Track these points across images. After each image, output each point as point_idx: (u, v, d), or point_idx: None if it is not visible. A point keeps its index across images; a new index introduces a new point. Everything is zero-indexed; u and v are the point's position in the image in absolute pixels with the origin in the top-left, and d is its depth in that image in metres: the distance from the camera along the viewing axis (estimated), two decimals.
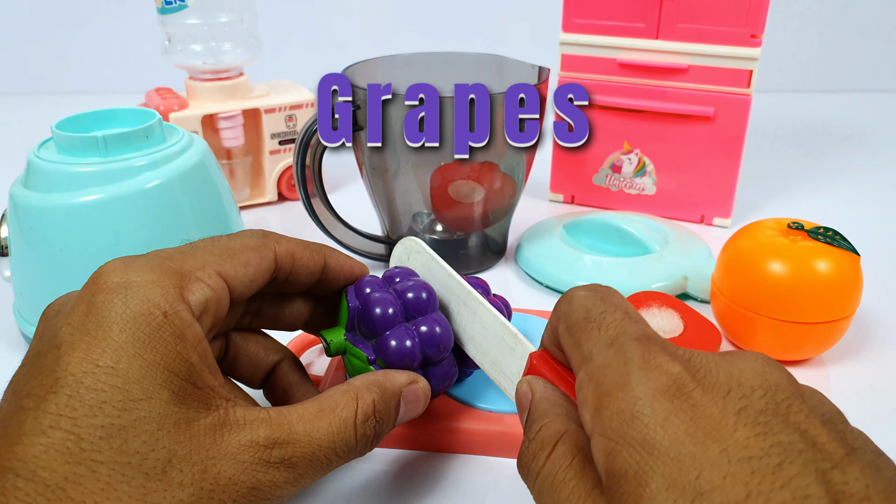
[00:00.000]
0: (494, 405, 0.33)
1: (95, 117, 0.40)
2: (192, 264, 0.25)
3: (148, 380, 0.22)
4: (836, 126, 0.82)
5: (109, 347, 0.21)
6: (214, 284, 0.25)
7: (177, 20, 0.54)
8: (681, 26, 0.51)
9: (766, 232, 0.38)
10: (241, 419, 0.23)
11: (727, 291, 0.38)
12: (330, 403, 0.25)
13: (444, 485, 0.31)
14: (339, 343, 0.30)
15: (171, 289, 0.23)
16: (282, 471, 0.23)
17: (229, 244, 0.27)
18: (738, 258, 0.38)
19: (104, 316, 0.22)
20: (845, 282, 0.36)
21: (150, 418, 0.21)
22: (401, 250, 0.33)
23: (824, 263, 0.36)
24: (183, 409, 0.22)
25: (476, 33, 0.95)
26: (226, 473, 0.22)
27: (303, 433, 0.24)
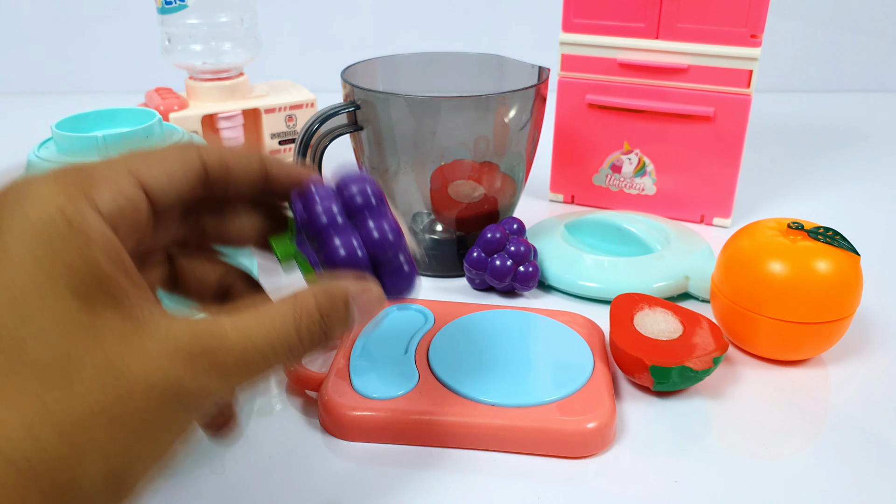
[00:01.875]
0: (498, 400, 0.33)
1: (95, 117, 0.40)
2: (101, 169, 0.23)
3: (48, 286, 0.20)
4: (836, 126, 0.82)
5: (7, 259, 0.21)
6: (128, 189, 0.23)
7: (177, 20, 0.54)
8: (681, 26, 0.51)
9: (766, 232, 0.38)
10: (162, 326, 0.22)
11: (727, 291, 0.38)
12: (267, 307, 0.24)
13: (447, 480, 0.31)
14: (286, 250, 0.28)
15: (75, 193, 0.22)
16: (212, 377, 0.22)
17: (146, 151, 0.25)
18: (738, 258, 0.38)
19: (3, 230, 0.21)
20: (845, 282, 0.36)
21: (50, 326, 0.20)
22: None
23: (824, 263, 0.36)
24: (90, 317, 0.21)
25: (476, 33, 0.95)
26: (141, 376, 0.21)
27: (236, 339, 0.22)
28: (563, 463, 0.32)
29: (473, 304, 0.41)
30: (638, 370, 0.35)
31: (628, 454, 0.33)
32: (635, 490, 0.31)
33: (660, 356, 0.35)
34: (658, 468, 0.32)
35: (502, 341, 0.37)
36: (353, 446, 0.33)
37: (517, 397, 0.33)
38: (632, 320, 0.38)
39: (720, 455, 0.33)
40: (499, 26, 0.94)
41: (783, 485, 0.31)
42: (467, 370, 0.35)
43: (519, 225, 0.46)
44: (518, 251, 0.44)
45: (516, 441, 0.32)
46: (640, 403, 0.36)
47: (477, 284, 0.46)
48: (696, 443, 0.33)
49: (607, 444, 0.33)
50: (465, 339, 0.38)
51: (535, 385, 0.34)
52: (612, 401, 0.33)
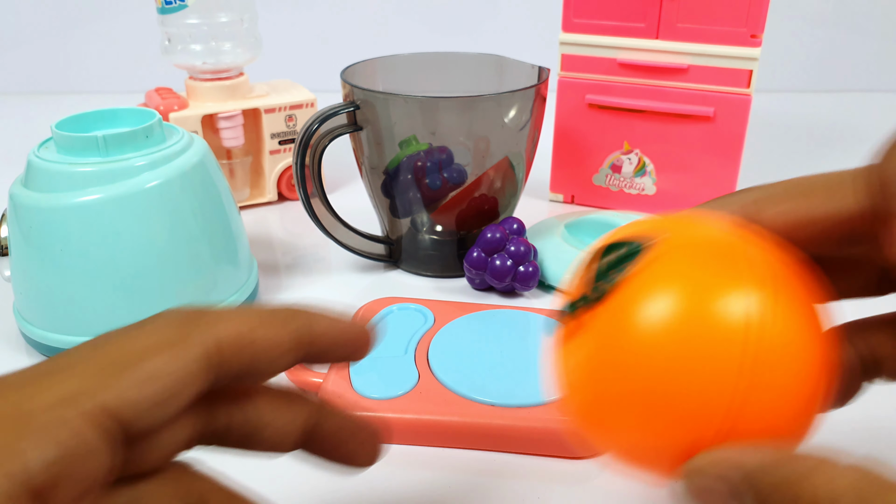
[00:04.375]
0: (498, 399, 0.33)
1: (95, 117, 0.40)
2: (42, 401, 0.16)
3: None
4: (836, 126, 0.82)
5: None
6: (75, 431, 0.16)
7: (177, 20, 0.54)
8: (681, 26, 0.51)
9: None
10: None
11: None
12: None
13: (447, 480, 0.31)
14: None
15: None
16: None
17: (125, 347, 0.18)
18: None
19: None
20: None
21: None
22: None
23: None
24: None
25: (476, 33, 0.95)
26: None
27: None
28: (563, 463, 0.32)
29: (473, 304, 0.41)
30: None
31: None
32: (635, 490, 0.31)
33: None
34: None
35: (502, 341, 0.37)
36: None
37: (517, 397, 0.33)
38: None
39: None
40: (499, 26, 0.94)
41: None
42: (467, 370, 0.35)
43: (519, 225, 0.46)
44: (518, 251, 0.44)
45: (516, 441, 0.32)
46: None
47: (477, 284, 0.46)
48: None
49: None
50: (465, 339, 0.38)
51: (535, 385, 0.34)
52: None
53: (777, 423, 0.17)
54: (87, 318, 0.37)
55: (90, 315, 0.37)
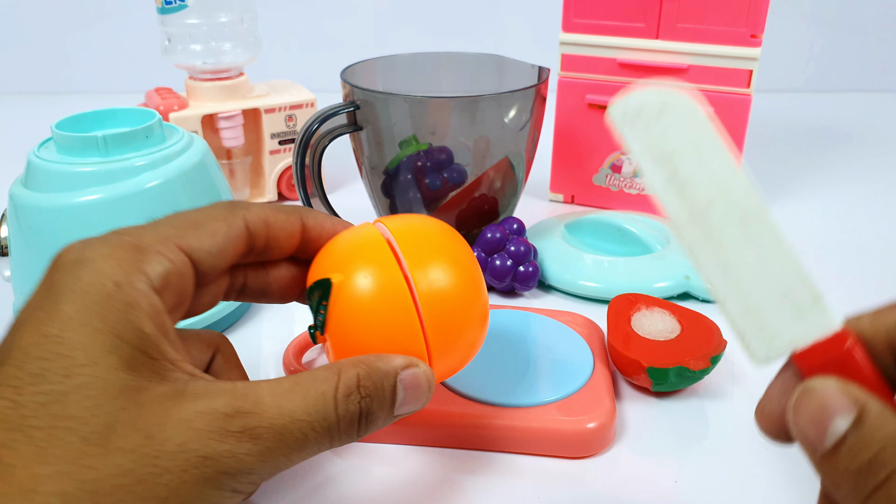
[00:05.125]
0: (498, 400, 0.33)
1: (95, 117, 0.40)
2: (151, 238, 0.24)
3: (94, 346, 0.21)
4: (836, 126, 0.82)
5: (58, 318, 0.21)
6: (174, 257, 0.24)
7: (177, 20, 0.54)
8: (681, 26, 0.51)
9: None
10: (199, 389, 0.22)
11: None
12: (307, 378, 0.23)
13: (447, 480, 0.31)
14: None
15: (126, 261, 0.23)
16: (243, 441, 0.21)
17: (193, 216, 0.26)
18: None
19: (57, 291, 0.22)
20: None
21: (94, 384, 0.20)
22: (650, 100, 0.22)
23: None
24: (132, 377, 0.21)
25: (476, 33, 0.95)
26: (174, 440, 0.20)
27: (272, 404, 0.22)
28: (563, 463, 0.32)
29: None
30: (636, 372, 0.35)
31: (628, 454, 0.33)
32: (635, 490, 0.31)
33: (657, 357, 0.35)
34: (658, 468, 0.32)
35: (502, 341, 0.37)
36: (352, 446, 0.33)
37: (517, 397, 0.33)
38: (629, 321, 0.38)
39: (720, 455, 0.33)
40: (499, 26, 0.94)
41: (783, 484, 0.31)
42: (467, 370, 0.35)
43: (519, 225, 0.46)
44: (518, 251, 0.44)
45: (516, 441, 0.32)
46: (640, 403, 0.36)
47: None
48: (695, 443, 0.33)
49: (607, 444, 0.33)
50: None
51: (535, 385, 0.34)
52: (612, 401, 0.33)
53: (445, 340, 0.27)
54: None
55: None
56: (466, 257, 0.28)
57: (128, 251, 0.23)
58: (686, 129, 0.22)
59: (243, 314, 0.44)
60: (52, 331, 0.21)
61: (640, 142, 0.22)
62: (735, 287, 0.21)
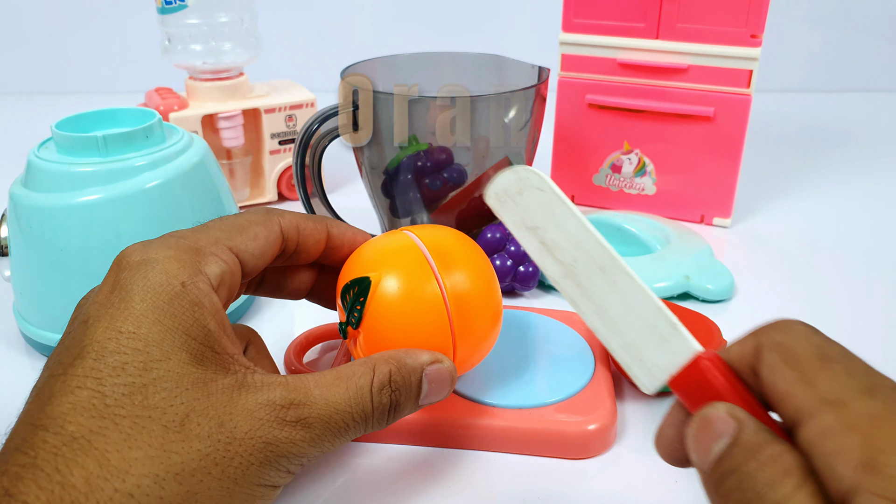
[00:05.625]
0: (499, 401, 0.33)
1: (95, 117, 0.40)
2: (206, 241, 0.27)
3: (167, 342, 0.23)
4: (836, 126, 0.82)
5: (131, 315, 0.23)
6: (227, 258, 0.27)
7: (177, 20, 0.54)
8: (681, 26, 0.51)
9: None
10: (258, 382, 0.24)
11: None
12: (347, 372, 0.26)
13: (448, 480, 0.31)
14: None
15: (187, 263, 0.25)
16: (298, 429, 0.24)
17: (237, 221, 0.29)
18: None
19: (127, 289, 0.24)
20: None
21: (169, 377, 0.23)
22: (510, 180, 0.26)
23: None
24: (201, 370, 0.24)
25: (476, 33, 0.95)
26: (242, 428, 0.23)
27: (319, 396, 0.25)
28: (563, 463, 0.32)
29: None
30: None
31: (629, 455, 0.33)
32: (636, 490, 0.31)
33: None
34: (658, 468, 0.32)
35: (502, 342, 0.37)
36: (353, 446, 0.33)
37: (518, 398, 0.33)
38: None
39: None
40: (499, 26, 0.94)
41: None
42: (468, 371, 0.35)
43: None
44: (518, 251, 0.44)
45: (517, 442, 0.32)
46: (641, 404, 0.36)
47: None
48: None
49: (608, 445, 0.33)
50: None
51: (536, 386, 0.34)
52: (613, 402, 0.33)
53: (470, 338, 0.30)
54: None
55: None
56: (486, 263, 0.31)
57: (187, 253, 0.26)
58: (541, 201, 0.25)
59: (244, 313, 0.44)
60: (127, 327, 0.23)
61: (510, 218, 0.26)
62: (611, 328, 0.24)
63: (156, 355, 0.23)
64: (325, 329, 0.40)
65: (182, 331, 0.24)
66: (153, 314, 0.24)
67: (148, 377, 0.23)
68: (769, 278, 0.48)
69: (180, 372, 0.23)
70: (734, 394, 0.21)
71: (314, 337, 0.39)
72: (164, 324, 0.23)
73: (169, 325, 0.24)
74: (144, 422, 0.22)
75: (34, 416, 0.22)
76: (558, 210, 0.25)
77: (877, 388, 0.18)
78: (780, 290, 0.47)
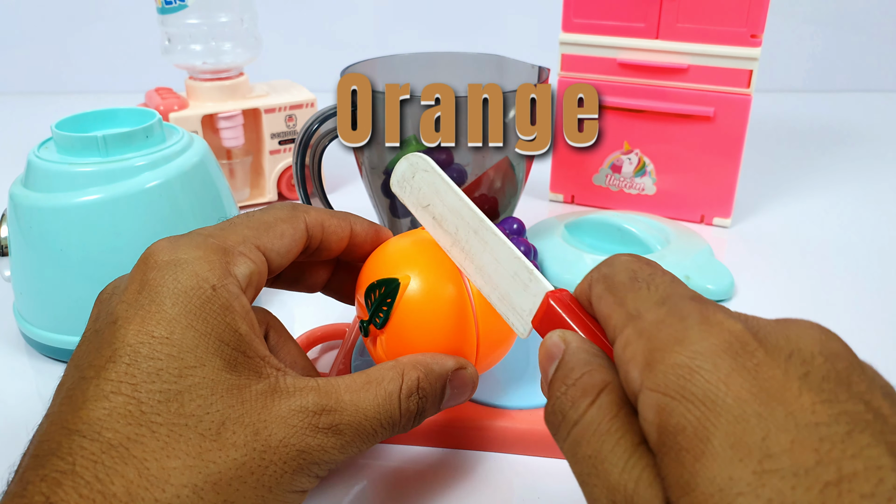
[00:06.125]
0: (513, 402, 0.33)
1: (95, 117, 0.40)
2: (234, 240, 0.27)
3: (201, 348, 0.23)
4: (836, 126, 0.82)
5: (163, 319, 0.23)
6: (255, 258, 0.27)
7: (177, 20, 0.54)
8: (681, 26, 0.51)
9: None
10: (290, 386, 0.24)
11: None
12: (377, 376, 0.26)
13: (463, 482, 0.31)
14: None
15: (217, 264, 0.25)
16: (329, 436, 0.24)
17: (264, 218, 0.28)
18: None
19: (157, 291, 0.24)
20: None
21: (205, 384, 0.23)
22: (405, 167, 0.30)
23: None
24: (235, 376, 0.23)
25: (476, 33, 0.95)
26: (276, 436, 0.23)
27: (349, 402, 0.25)
28: (563, 463, 0.32)
29: None
30: None
31: None
32: None
33: None
34: None
35: None
36: None
37: (518, 399, 0.33)
38: None
39: None
40: (499, 26, 0.94)
41: None
42: None
43: (519, 225, 0.46)
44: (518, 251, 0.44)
45: (517, 443, 0.32)
46: None
47: None
48: None
49: None
50: None
51: (537, 386, 0.34)
52: None
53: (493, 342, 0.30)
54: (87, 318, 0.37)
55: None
56: None
57: (216, 253, 0.25)
58: (429, 181, 0.29)
59: None
60: (159, 331, 0.23)
61: (409, 200, 0.30)
62: (489, 283, 0.27)
63: (190, 361, 0.23)
64: (325, 330, 0.40)
65: (215, 336, 0.23)
66: (185, 319, 0.23)
67: (183, 384, 0.22)
68: (769, 278, 0.48)
69: (215, 378, 0.23)
70: (579, 324, 0.23)
71: (315, 338, 0.39)
72: (197, 329, 0.23)
73: (202, 331, 0.23)
74: (181, 430, 0.22)
75: (68, 419, 0.21)
76: (440, 186, 0.29)
77: (669, 298, 0.20)
78: (780, 289, 0.47)
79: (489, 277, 0.27)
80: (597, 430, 0.20)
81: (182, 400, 0.22)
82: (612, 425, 0.19)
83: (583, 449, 0.20)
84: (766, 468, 0.16)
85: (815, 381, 0.17)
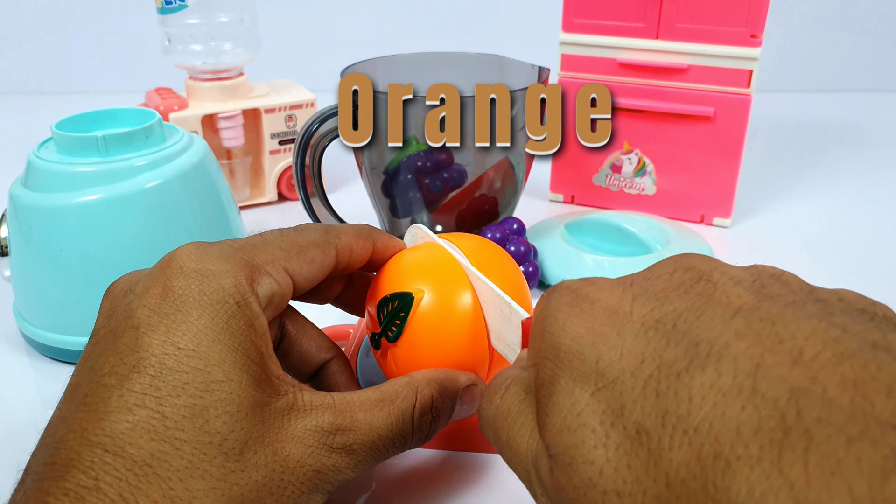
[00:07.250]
0: None
1: (95, 117, 0.40)
2: (263, 258, 0.26)
3: (227, 363, 0.22)
4: (836, 126, 0.82)
5: (189, 331, 0.22)
6: (281, 280, 0.26)
7: (177, 20, 0.54)
8: (681, 26, 0.51)
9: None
10: (307, 403, 0.24)
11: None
12: (390, 393, 0.26)
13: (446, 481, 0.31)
14: None
15: (242, 280, 0.24)
16: (343, 456, 0.24)
17: (297, 240, 0.28)
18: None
19: (182, 300, 0.23)
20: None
21: (231, 400, 0.22)
22: (409, 239, 0.33)
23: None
24: (258, 393, 0.23)
25: (476, 33, 0.95)
26: (294, 456, 0.23)
27: (363, 421, 0.24)
28: None
29: None
30: None
31: None
32: None
33: None
34: None
35: None
36: None
37: None
38: None
39: None
40: (499, 26, 0.94)
41: None
42: None
43: (519, 225, 0.46)
44: (518, 251, 0.44)
45: None
46: None
47: None
48: None
49: None
50: None
51: None
52: None
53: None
54: (87, 318, 0.37)
55: (90, 315, 0.37)
56: (520, 277, 0.31)
57: (244, 269, 0.25)
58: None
59: None
60: (185, 343, 0.22)
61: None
62: (491, 329, 0.28)
63: (217, 376, 0.22)
64: (329, 332, 0.40)
65: (242, 352, 0.23)
66: (212, 332, 0.23)
67: (209, 399, 0.22)
68: None
69: (241, 395, 0.22)
70: None
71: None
72: (224, 343, 0.23)
73: (229, 345, 0.23)
74: (206, 448, 0.21)
75: (88, 429, 0.21)
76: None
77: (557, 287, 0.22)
78: None
79: (490, 324, 0.28)
80: (507, 415, 0.22)
81: (207, 416, 0.21)
82: (518, 407, 0.22)
83: (501, 436, 0.22)
84: (599, 386, 0.18)
85: (649, 295, 0.19)
